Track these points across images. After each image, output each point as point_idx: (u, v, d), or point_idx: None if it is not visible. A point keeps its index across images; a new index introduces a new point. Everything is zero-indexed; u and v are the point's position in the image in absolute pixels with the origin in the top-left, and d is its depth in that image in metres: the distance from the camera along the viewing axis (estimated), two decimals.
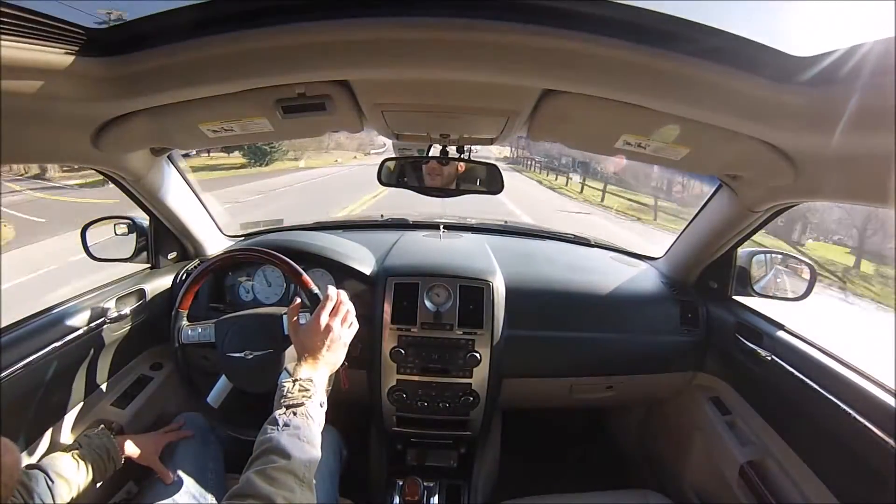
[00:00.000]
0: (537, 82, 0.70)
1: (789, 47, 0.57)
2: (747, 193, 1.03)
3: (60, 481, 0.78)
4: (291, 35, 0.59)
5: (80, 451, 0.85)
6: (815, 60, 0.56)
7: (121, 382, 1.24)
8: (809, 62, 0.57)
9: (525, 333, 1.29)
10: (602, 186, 16.21)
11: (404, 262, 1.35)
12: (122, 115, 0.80)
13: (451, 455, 1.44)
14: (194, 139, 0.93)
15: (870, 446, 0.82)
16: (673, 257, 1.47)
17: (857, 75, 0.52)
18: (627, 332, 1.34)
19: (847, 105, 0.55)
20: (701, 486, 1.34)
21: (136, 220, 1.37)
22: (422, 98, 0.80)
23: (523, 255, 1.53)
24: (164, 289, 1.35)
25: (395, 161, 1.27)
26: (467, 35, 0.58)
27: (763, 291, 1.32)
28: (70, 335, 1.02)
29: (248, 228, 1.73)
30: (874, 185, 0.71)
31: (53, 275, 5.07)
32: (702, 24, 0.56)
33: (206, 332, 1.05)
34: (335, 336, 0.87)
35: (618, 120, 0.77)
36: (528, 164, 25.18)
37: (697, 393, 1.38)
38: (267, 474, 0.63)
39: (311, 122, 0.86)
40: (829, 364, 0.98)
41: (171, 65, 0.64)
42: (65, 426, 1.05)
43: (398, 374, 1.26)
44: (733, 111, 0.66)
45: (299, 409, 0.74)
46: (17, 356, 0.91)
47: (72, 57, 0.60)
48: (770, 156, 0.77)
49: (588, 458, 1.80)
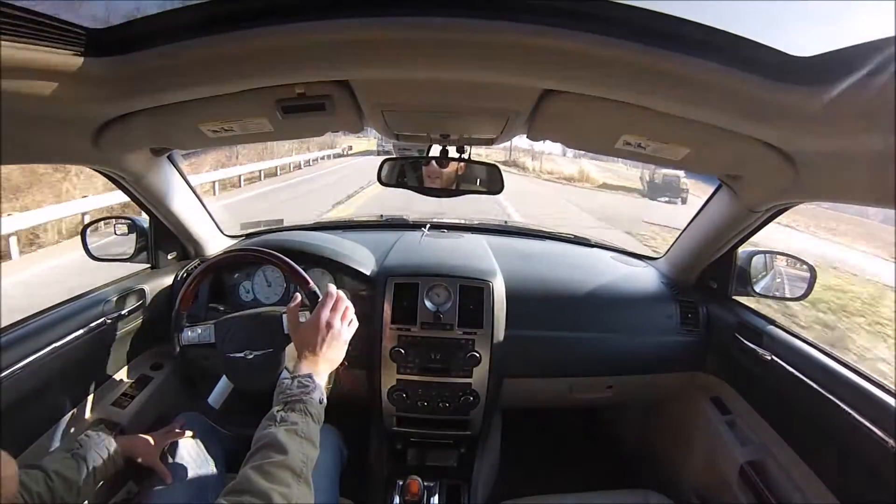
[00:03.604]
0: (537, 82, 0.70)
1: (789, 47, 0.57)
2: (747, 193, 1.03)
3: (60, 481, 0.78)
4: (291, 35, 0.59)
5: (80, 451, 0.85)
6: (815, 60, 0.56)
7: (121, 382, 1.24)
8: (809, 62, 0.57)
9: (525, 333, 1.29)
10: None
11: (404, 262, 1.35)
12: (123, 115, 0.80)
13: (451, 455, 1.44)
14: (194, 139, 0.93)
15: (870, 446, 0.82)
16: (673, 257, 1.47)
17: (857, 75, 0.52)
18: (627, 332, 1.34)
19: (847, 105, 0.55)
20: (701, 486, 1.34)
21: (136, 220, 1.37)
22: (422, 98, 0.80)
23: (523, 255, 1.53)
24: (163, 288, 1.35)
25: (394, 161, 1.27)
26: (467, 35, 0.58)
27: (763, 291, 1.32)
28: (70, 335, 1.03)
29: (248, 228, 1.73)
30: (874, 185, 0.71)
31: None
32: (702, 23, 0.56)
33: (206, 333, 1.05)
34: (335, 332, 0.87)
35: (618, 120, 0.77)
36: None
37: (697, 393, 1.38)
38: (264, 470, 0.63)
39: (311, 122, 0.86)
40: (829, 364, 0.98)
41: (171, 65, 0.64)
42: (65, 426, 1.05)
43: (398, 374, 1.26)
44: (733, 111, 0.66)
45: (297, 406, 0.74)
46: (17, 356, 0.91)
47: (72, 57, 0.60)
48: (770, 156, 0.77)
49: (588, 458, 1.80)
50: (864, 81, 0.52)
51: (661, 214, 11.48)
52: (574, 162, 23.24)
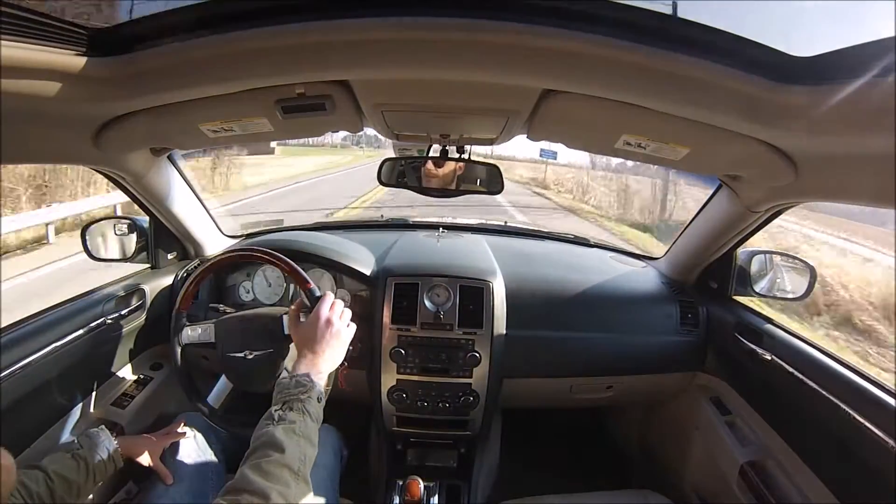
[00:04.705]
0: (537, 82, 0.70)
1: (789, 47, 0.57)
2: (747, 193, 1.03)
3: (60, 481, 0.78)
4: (291, 35, 0.59)
5: (80, 451, 0.85)
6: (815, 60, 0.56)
7: (121, 382, 1.24)
8: (809, 62, 0.57)
9: (525, 333, 1.29)
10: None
11: (404, 263, 1.35)
12: (123, 115, 0.80)
13: (451, 455, 1.44)
14: (194, 139, 0.93)
15: (870, 446, 0.82)
16: (673, 257, 1.47)
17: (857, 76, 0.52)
18: (627, 332, 1.34)
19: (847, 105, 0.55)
20: (701, 486, 1.34)
21: (136, 220, 1.37)
22: (422, 98, 0.80)
23: (523, 256, 1.53)
24: (163, 288, 1.35)
25: (394, 161, 1.27)
26: (467, 35, 0.58)
27: (763, 291, 1.32)
28: (70, 335, 1.02)
29: (248, 228, 1.73)
30: (874, 185, 0.71)
31: None
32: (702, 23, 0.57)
33: (206, 333, 1.05)
34: (335, 331, 0.87)
35: (618, 120, 0.77)
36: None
37: (697, 393, 1.37)
38: (261, 468, 0.63)
39: (311, 122, 0.86)
40: (829, 364, 0.98)
41: (171, 65, 0.64)
42: (65, 426, 1.05)
43: (398, 374, 1.26)
44: (733, 111, 0.65)
45: (295, 404, 0.73)
46: (17, 356, 0.91)
47: (73, 57, 0.60)
48: (770, 156, 0.77)
49: (588, 458, 1.80)
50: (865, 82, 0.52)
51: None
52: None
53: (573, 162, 19.96)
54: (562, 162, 20.03)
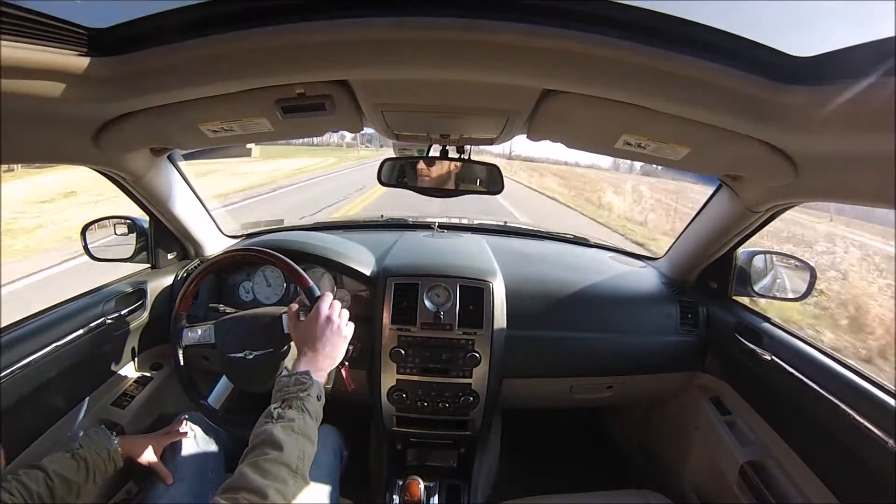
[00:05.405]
0: (537, 82, 0.70)
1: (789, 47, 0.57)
2: (747, 193, 1.03)
3: (60, 481, 0.78)
4: (291, 35, 0.59)
5: (80, 451, 0.85)
6: (814, 60, 0.56)
7: (121, 382, 1.24)
8: (809, 62, 0.57)
9: (525, 333, 1.29)
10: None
11: (404, 263, 1.35)
12: (123, 115, 0.80)
13: (451, 455, 1.44)
14: (194, 139, 0.93)
15: (870, 446, 0.82)
16: (673, 257, 1.47)
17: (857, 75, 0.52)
18: (627, 332, 1.34)
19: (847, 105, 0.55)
20: (701, 486, 1.34)
21: (136, 220, 1.37)
22: (422, 98, 0.80)
23: (523, 256, 1.53)
24: (164, 288, 1.35)
25: (394, 161, 1.27)
26: (467, 35, 0.58)
27: (763, 292, 1.32)
28: (70, 335, 1.03)
29: (248, 228, 1.73)
30: (874, 185, 0.71)
31: None
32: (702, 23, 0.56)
33: (206, 333, 1.05)
34: (335, 328, 0.87)
35: (618, 120, 0.77)
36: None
37: (697, 393, 1.38)
38: (259, 466, 0.63)
39: (311, 122, 0.86)
40: (829, 364, 0.98)
41: (171, 65, 0.64)
42: (65, 426, 1.05)
43: (398, 374, 1.26)
44: (733, 111, 0.65)
45: (294, 402, 0.73)
46: (17, 356, 0.91)
47: (73, 57, 0.60)
48: (770, 156, 0.77)
49: (588, 458, 1.80)
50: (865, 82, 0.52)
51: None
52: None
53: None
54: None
